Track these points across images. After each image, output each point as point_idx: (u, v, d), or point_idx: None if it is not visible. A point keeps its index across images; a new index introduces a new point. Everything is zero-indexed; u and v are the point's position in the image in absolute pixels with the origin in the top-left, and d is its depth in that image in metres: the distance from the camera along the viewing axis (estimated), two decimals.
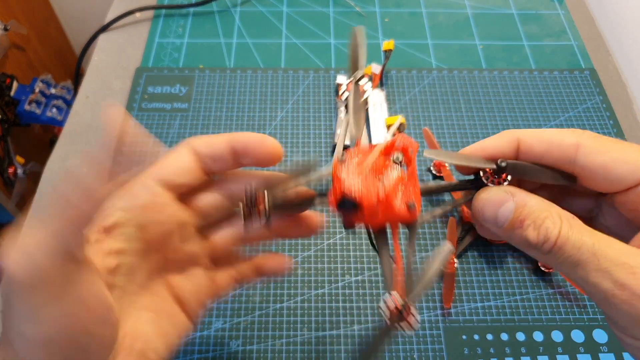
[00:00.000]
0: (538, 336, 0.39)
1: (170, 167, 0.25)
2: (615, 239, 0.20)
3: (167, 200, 0.24)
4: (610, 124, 0.51)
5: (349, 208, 0.21)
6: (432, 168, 0.46)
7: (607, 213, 0.24)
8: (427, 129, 0.46)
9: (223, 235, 0.27)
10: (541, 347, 0.38)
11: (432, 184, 0.25)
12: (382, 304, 0.21)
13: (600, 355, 0.38)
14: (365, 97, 0.25)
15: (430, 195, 0.24)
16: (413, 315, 0.21)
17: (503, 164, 0.22)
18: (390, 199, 0.21)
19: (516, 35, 0.60)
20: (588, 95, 0.54)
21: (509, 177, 0.23)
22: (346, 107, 0.25)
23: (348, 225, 0.23)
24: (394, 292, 0.21)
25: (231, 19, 0.61)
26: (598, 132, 0.50)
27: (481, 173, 0.23)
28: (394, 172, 0.22)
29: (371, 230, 0.23)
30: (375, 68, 0.52)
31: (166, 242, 0.25)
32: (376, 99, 0.51)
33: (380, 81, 0.53)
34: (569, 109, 0.53)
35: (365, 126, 0.24)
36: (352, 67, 0.26)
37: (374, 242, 0.23)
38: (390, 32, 0.60)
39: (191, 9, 0.62)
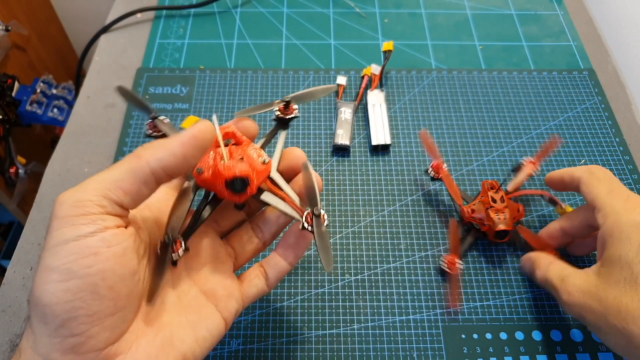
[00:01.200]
0: (537, 335, 0.39)
1: None
2: (568, 269, 0.35)
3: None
4: (608, 124, 0.51)
5: (241, 187, 0.27)
6: (430, 170, 0.46)
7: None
8: (424, 132, 0.46)
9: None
10: (540, 346, 0.38)
11: (262, 140, 0.32)
12: (304, 223, 0.28)
13: (599, 354, 0.38)
14: (165, 120, 0.30)
15: (265, 147, 0.32)
16: (323, 215, 0.28)
17: (288, 99, 0.32)
18: (255, 165, 0.28)
19: (515, 35, 0.60)
20: (587, 95, 0.54)
21: (296, 106, 0.32)
22: (152, 135, 0.31)
23: (240, 202, 0.29)
24: (306, 210, 0.28)
25: (232, 19, 0.61)
26: (597, 133, 0.51)
27: (277, 113, 0.32)
28: (241, 149, 0.28)
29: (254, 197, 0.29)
30: (375, 69, 0.53)
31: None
32: (376, 99, 0.51)
33: (380, 82, 0.54)
34: (568, 110, 0.53)
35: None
36: (142, 108, 0.31)
37: (264, 201, 0.29)
38: (390, 32, 0.60)
39: (192, 10, 0.62)
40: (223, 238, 0.32)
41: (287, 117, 0.32)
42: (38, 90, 0.79)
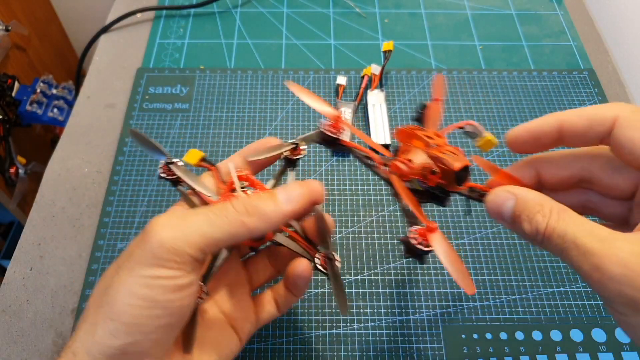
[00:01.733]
0: (537, 335, 0.39)
1: None
2: (600, 225, 0.21)
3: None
4: None
5: (260, 235, 0.28)
6: (325, 129, 0.30)
7: (637, 213, 0.25)
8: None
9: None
10: (540, 346, 0.38)
11: (272, 181, 0.32)
12: (317, 264, 0.29)
13: (599, 354, 0.38)
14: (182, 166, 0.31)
15: (276, 187, 0.31)
16: (336, 257, 0.29)
17: (296, 142, 0.31)
18: None
19: (515, 35, 0.60)
20: (587, 95, 0.54)
21: (304, 147, 0.31)
22: (175, 183, 0.31)
23: (257, 247, 0.31)
24: (317, 255, 0.29)
25: (232, 19, 0.61)
26: None
27: (286, 154, 0.31)
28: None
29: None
30: (375, 69, 0.53)
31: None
32: (376, 99, 0.51)
33: (380, 82, 0.54)
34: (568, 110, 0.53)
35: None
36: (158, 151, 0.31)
37: (278, 242, 0.30)
38: (390, 32, 0.60)
39: (192, 10, 0.62)
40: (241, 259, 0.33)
41: (296, 157, 0.32)
42: (38, 90, 0.79)
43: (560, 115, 0.25)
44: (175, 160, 0.30)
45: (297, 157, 0.33)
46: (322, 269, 0.29)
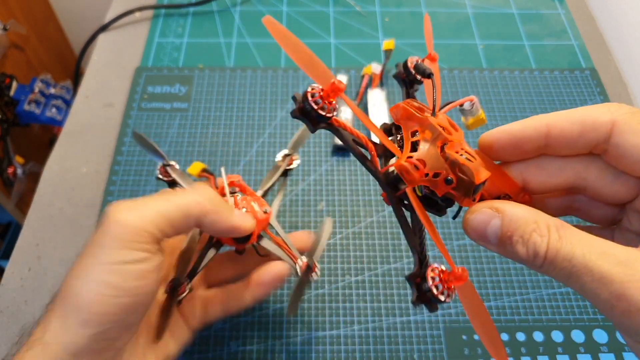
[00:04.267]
0: (538, 336, 0.39)
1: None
2: (610, 242, 0.18)
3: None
4: None
5: (244, 237, 0.30)
6: (311, 99, 0.22)
7: (633, 218, 0.22)
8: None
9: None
10: (541, 347, 0.38)
11: (263, 189, 0.35)
12: (297, 266, 0.31)
13: (601, 355, 0.38)
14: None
15: (266, 195, 0.35)
16: (316, 268, 0.31)
17: (289, 152, 0.37)
18: (257, 215, 0.31)
19: (517, 34, 0.60)
20: (589, 95, 0.54)
21: (296, 157, 0.37)
22: (172, 184, 0.34)
23: (241, 249, 0.33)
24: (303, 257, 0.31)
25: (231, 18, 0.61)
26: None
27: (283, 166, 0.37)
28: (245, 200, 0.32)
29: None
30: (376, 68, 0.52)
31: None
32: (376, 98, 0.51)
33: (381, 81, 0.53)
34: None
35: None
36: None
37: (264, 248, 0.32)
38: (391, 31, 0.60)
39: (191, 9, 0.62)
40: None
41: (289, 167, 0.36)
42: (36, 90, 0.79)
43: (547, 119, 0.21)
44: (172, 163, 0.33)
45: (290, 167, 0.36)
46: (299, 270, 0.31)
